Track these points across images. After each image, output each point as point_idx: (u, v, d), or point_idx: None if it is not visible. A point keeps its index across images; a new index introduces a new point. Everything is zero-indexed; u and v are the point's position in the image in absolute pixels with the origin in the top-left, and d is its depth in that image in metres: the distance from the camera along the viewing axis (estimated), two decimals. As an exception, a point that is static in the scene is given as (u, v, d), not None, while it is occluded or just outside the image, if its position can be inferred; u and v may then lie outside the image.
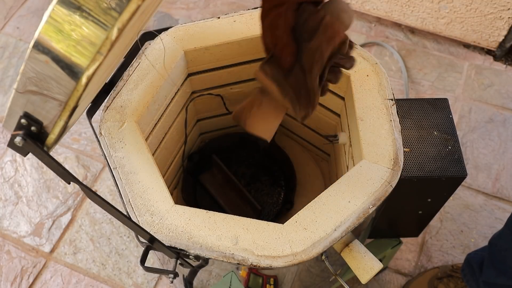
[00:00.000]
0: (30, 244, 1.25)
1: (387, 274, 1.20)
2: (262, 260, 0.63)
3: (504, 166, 1.35)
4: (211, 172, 1.03)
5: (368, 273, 0.68)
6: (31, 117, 0.47)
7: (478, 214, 1.28)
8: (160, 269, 0.66)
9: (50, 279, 1.21)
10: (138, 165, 0.71)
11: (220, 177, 1.02)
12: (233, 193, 1.00)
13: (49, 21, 0.39)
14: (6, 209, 1.31)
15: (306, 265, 0.74)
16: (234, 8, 1.68)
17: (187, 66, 0.86)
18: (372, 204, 0.67)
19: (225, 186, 1.01)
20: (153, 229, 0.65)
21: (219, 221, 0.66)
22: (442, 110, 0.86)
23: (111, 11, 0.39)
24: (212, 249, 0.63)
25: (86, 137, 1.42)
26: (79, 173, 1.36)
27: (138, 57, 0.82)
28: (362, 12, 1.62)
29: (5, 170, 1.37)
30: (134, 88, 0.78)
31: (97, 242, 1.25)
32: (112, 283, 1.20)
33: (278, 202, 1.03)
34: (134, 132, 0.74)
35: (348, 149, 0.84)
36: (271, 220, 1.00)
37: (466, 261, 1.06)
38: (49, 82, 0.43)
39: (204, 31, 0.84)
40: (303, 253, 0.63)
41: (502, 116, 1.44)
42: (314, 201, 0.68)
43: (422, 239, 1.25)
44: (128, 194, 0.68)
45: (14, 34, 1.64)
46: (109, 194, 1.32)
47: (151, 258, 1.08)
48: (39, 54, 0.41)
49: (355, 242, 0.70)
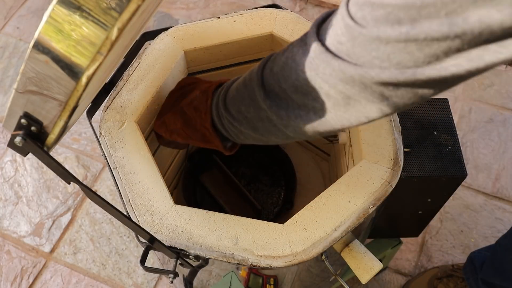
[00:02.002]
0: (30, 244, 1.25)
1: (387, 274, 1.20)
2: (262, 260, 0.63)
3: (504, 166, 1.35)
4: (211, 172, 1.03)
5: (368, 273, 0.68)
6: (31, 117, 0.47)
7: (478, 214, 1.28)
8: (160, 269, 0.66)
9: (50, 279, 1.21)
10: (138, 165, 0.71)
11: (220, 177, 1.02)
12: (233, 193, 1.00)
13: (49, 21, 0.39)
14: (6, 209, 1.31)
15: (306, 265, 0.74)
16: (234, 8, 1.68)
17: (187, 66, 0.86)
18: (372, 204, 0.67)
19: (225, 186, 1.01)
20: (153, 229, 0.65)
21: (219, 221, 0.66)
22: (442, 110, 0.86)
23: (111, 11, 0.39)
24: (212, 249, 0.63)
25: (86, 137, 1.42)
26: (79, 173, 1.36)
27: (138, 57, 0.82)
28: (362, 12, 1.62)
29: (5, 170, 1.37)
30: (134, 88, 0.78)
31: (97, 242, 1.25)
32: (112, 283, 1.20)
33: (278, 202, 1.03)
34: (134, 132, 0.74)
35: (348, 149, 0.84)
36: (271, 220, 1.00)
37: (469, 259, 1.06)
38: (49, 82, 0.43)
39: (204, 31, 0.84)
40: (303, 253, 0.63)
41: (502, 116, 1.44)
42: (314, 201, 0.68)
43: (422, 239, 1.25)
44: (128, 194, 0.68)
45: (14, 34, 1.64)
46: (109, 194, 1.32)
47: (151, 258, 1.08)
48: (39, 54, 0.41)
49: (355, 242, 0.70)
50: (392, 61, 0.40)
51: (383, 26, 0.39)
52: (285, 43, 0.83)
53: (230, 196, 1.01)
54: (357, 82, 0.44)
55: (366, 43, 0.41)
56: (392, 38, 0.39)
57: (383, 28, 0.39)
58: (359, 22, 0.41)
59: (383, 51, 0.40)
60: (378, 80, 0.42)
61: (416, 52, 0.38)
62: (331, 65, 0.45)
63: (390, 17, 0.38)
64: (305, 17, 0.85)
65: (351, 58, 0.43)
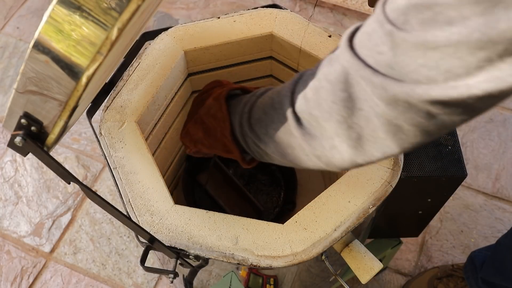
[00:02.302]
0: (30, 244, 1.25)
1: (387, 274, 1.20)
2: (262, 260, 0.63)
3: (504, 166, 1.35)
4: (209, 172, 1.02)
5: (368, 273, 0.68)
6: (31, 117, 0.47)
7: (478, 214, 1.28)
8: (160, 269, 0.66)
9: (50, 279, 1.21)
10: (138, 165, 0.71)
11: (219, 177, 1.01)
12: (233, 194, 1.00)
13: (49, 21, 0.39)
14: (6, 209, 1.31)
15: (306, 265, 0.74)
16: (234, 8, 1.68)
17: (187, 66, 0.86)
18: (372, 204, 0.67)
19: (224, 186, 1.00)
20: (153, 229, 0.65)
21: (219, 221, 0.66)
22: (442, 110, 0.85)
23: (111, 11, 0.39)
24: (212, 249, 0.63)
25: (86, 137, 1.42)
26: (79, 173, 1.36)
27: (138, 57, 0.82)
28: (362, 12, 1.62)
29: (5, 170, 1.37)
30: (134, 88, 0.78)
31: (97, 242, 1.25)
32: (112, 283, 1.20)
33: (278, 202, 1.03)
34: (134, 132, 0.74)
35: (348, 149, 0.83)
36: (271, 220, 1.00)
37: (469, 258, 1.06)
38: (49, 82, 0.43)
39: (204, 31, 0.84)
40: (303, 253, 0.63)
41: (502, 116, 1.44)
42: (314, 201, 0.68)
43: (422, 239, 1.25)
44: (128, 194, 0.68)
45: (14, 34, 1.64)
46: (109, 194, 1.32)
47: (151, 258, 1.08)
48: (39, 54, 0.41)
49: (355, 242, 0.70)
50: (440, 68, 0.36)
51: (431, 29, 0.35)
52: (285, 43, 0.83)
53: (230, 197, 1.00)
54: (401, 102, 0.40)
55: (411, 50, 0.37)
56: (441, 42, 0.35)
57: (431, 31, 0.35)
58: (402, 27, 0.37)
59: (431, 58, 0.36)
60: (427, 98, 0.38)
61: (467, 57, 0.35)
62: (371, 83, 0.41)
63: (439, 17, 0.34)
64: (305, 17, 0.85)
65: (394, 69, 0.39)
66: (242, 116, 0.60)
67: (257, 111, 0.58)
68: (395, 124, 0.42)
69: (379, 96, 0.41)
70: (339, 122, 0.46)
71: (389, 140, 0.44)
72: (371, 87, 0.41)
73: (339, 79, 0.44)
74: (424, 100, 0.38)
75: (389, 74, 0.39)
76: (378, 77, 0.40)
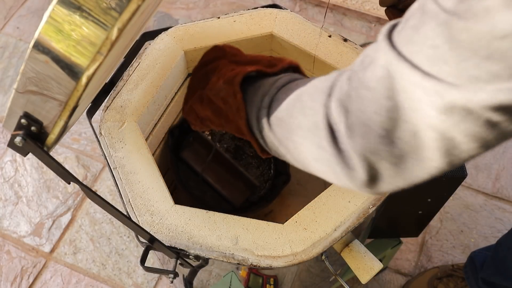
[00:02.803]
0: (30, 244, 1.25)
1: (387, 274, 1.20)
2: (262, 260, 0.63)
3: (504, 166, 1.35)
4: (193, 147, 0.91)
5: (368, 273, 0.68)
6: (31, 117, 0.47)
7: (478, 214, 1.28)
8: (160, 269, 0.66)
9: (50, 279, 1.21)
10: (138, 165, 0.71)
11: (204, 152, 0.90)
12: (221, 170, 0.91)
13: (49, 21, 0.39)
14: (6, 209, 1.31)
15: (306, 265, 0.74)
16: (234, 8, 1.68)
17: (187, 66, 0.86)
18: (372, 204, 0.67)
19: (211, 162, 0.90)
20: (153, 229, 0.65)
21: (219, 221, 0.66)
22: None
23: (111, 11, 0.39)
24: (212, 249, 0.64)
25: (86, 137, 1.42)
26: (79, 173, 1.36)
27: (138, 57, 0.82)
28: (362, 12, 1.62)
29: (5, 170, 1.37)
30: (134, 88, 0.78)
31: (97, 242, 1.25)
32: (112, 283, 1.20)
33: (269, 175, 0.96)
34: (134, 132, 0.74)
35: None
36: (264, 195, 0.93)
37: (469, 258, 1.06)
38: (49, 82, 0.43)
39: (204, 31, 0.84)
40: (303, 253, 0.63)
41: (502, 116, 1.44)
42: (314, 201, 0.68)
43: (422, 239, 1.25)
44: (128, 194, 0.68)
45: (14, 34, 1.64)
46: (109, 194, 1.32)
47: (151, 258, 1.08)
48: (39, 54, 0.41)
49: (355, 242, 0.70)
50: (508, 61, 0.31)
51: (499, 14, 0.30)
52: (285, 43, 0.83)
53: (219, 173, 0.91)
54: (457, 109, 0.34)
55: (473, 41, 0.31)
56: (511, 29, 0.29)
57: (499, 17, 0.30)
58: (462, 15, 0.32)
59: (497, 48, 0.30)
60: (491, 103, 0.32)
61: None
62: (422, 88, 0.34)
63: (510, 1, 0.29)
64: (305, 17, 0.85)
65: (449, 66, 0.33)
66: (260, 110, 0.52)
67: (279, 110, 0.50)
68: (448, 137, 0.35)
69: (431, 104, 0.34)
70: (381, 137, 0.38)
71: (438, 156, 0.37)
72: (419, 92, 0.35)
73: (383, 85, 0.37)
74: (487, 106, 0.33)
75: (443, 75, 0.33)
76: (430, 81, 0.34)
